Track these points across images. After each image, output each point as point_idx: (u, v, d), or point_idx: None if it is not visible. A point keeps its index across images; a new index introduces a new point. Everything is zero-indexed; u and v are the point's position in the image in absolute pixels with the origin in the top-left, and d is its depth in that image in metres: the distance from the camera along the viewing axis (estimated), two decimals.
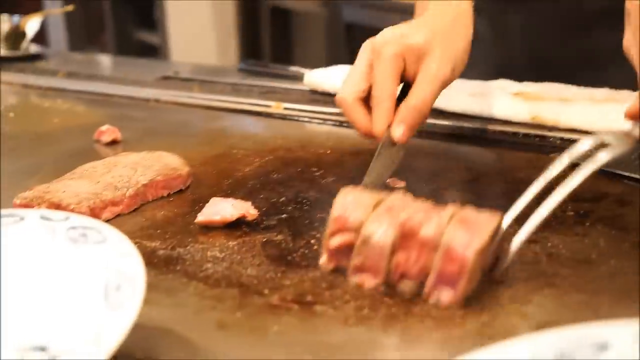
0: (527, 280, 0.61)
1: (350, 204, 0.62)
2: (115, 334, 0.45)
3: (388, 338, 0.54)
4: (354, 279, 0.61)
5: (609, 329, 0.43)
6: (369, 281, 0.60)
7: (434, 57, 0.80)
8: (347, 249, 0.61)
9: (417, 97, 0.79)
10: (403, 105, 0.80)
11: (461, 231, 0.57)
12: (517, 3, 1.20)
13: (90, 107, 1.35)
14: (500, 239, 0.60)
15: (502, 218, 0.60)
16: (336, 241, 0.62)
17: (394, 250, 0.59)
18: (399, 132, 0.78)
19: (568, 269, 0.63)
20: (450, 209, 0.60)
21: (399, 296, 0.59)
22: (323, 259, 0.63)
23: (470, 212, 0.60)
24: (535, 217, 0.61)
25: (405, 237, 0.59)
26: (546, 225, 0.71)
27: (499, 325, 0.55)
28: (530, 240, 0.68)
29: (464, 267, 0.56)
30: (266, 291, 0.61)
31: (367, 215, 0.61)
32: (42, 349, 0.49)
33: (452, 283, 0.57)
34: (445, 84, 0.82)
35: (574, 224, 0.72)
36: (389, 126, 0.79)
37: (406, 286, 0.59)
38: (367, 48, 0.82)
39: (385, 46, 0.80)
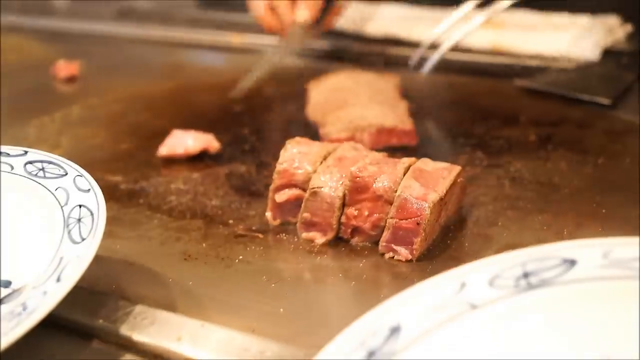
0: (491, 203, 0.61)
1: (297, 155, 0.58)
2: (77, 267, 0.45)
3: (354, 264, 0.54)
4: (303, 235, 0.57)
5: (575, 248, 0.43)
6: (319, 237, 0.56)
7: None
8: (294, 204, 0.58)
9: None
10: None
11: (417, 184, 0.53)
12: None
13: (45, 43, 1.32)
14: (460, 190, 0.58)
15: (461, 170, 0.57)
16: (282, 196, 0.58)
17: (344, 204, 0.56)
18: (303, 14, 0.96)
19: (531, 192, 0.63)
20: (405, 160, 0.56)
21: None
22: (268, 215, 0.59)
23: (426, 164, 0.56)
24: None
25: (357, 191, 0.55)
26: (508, 150, 0.72)
27: (464, 248, 0.55)
28: (493, 165, 0.68)
29: (419, 222, 0.52)
30: (231, 221, 0.60)
31: (315, 168, 0.57)
32: (6, 284, 0.48)
33: (407, 238, 0.53)
34: None
35: (537, 148, 0.72)
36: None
37: (359, 242, 0.56)
38: None
39: None
